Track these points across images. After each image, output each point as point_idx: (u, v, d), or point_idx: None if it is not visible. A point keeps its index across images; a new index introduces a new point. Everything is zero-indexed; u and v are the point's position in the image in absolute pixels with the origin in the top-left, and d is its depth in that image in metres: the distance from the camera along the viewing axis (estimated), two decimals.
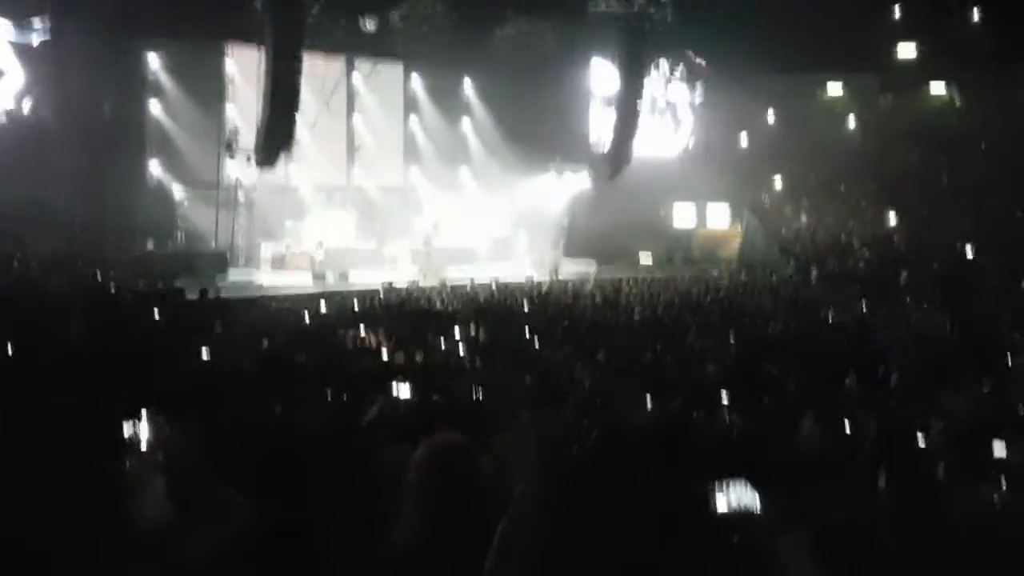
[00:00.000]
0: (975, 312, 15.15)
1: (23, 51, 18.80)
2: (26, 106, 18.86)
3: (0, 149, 17.70)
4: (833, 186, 27.34)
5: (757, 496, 3.90)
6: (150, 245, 20.16)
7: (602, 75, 26.03)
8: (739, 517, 3.85)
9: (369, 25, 22.01)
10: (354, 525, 2.84)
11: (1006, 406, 7.60)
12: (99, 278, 15.85)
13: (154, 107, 20.70)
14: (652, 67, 25.86)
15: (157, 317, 11.66)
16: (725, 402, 7.82)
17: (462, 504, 2.57)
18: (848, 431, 6.61)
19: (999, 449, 5.84)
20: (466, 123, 25.69)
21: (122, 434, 3.62)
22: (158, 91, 20.73)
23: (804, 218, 26.80)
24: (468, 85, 25.52)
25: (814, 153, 28.21)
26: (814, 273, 22.13)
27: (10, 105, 18.72)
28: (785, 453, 5.59)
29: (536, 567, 2.63)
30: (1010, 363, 10.33)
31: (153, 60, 20.72)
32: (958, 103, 29.88)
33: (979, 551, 3.33)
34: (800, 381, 8.72)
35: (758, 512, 3.83)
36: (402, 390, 6.30)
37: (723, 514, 3.86)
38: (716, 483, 4.02)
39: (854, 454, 5.98)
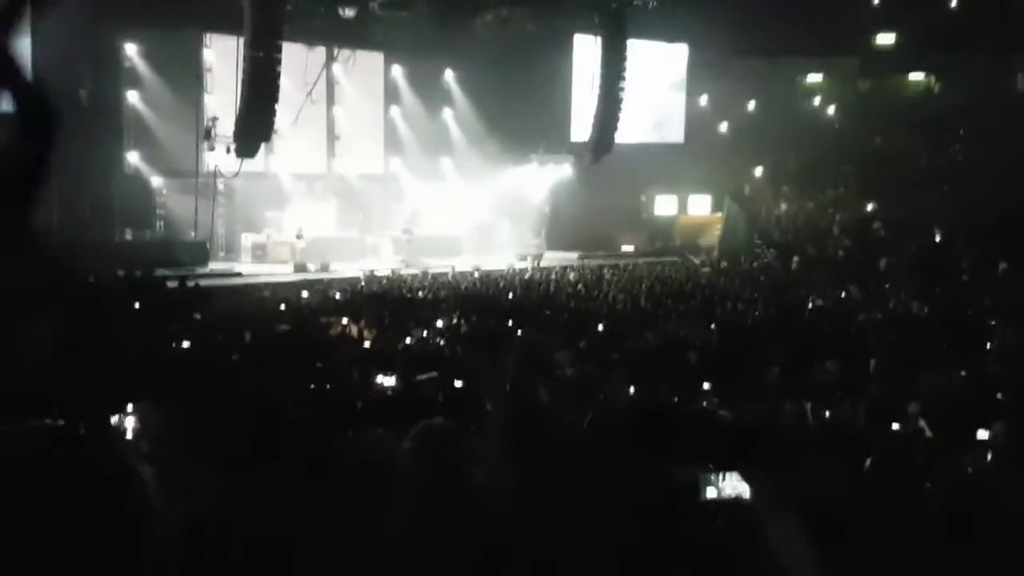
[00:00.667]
0: (954, 296, 15.29)
1: None
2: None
3: None
4: (813, 172, 27.46)
5: (743, 481, 3.93)
6: (128, 235, 20.00)
7: (584, 58, 25.89)
8: (726, 502, 3.88)
9: (348, 13, 21.85)
10: (337, 513, 2.84)
11: (984, 389, 7.68)
12: (76, 267, 15.71)
13: (131, 96, 20.48)
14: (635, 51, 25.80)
15: (137, 306, 11.60)
16: (707, 387, 7.86)
17: (452, 491, 2.57)
18: (829, 415, 6.67)
19: (982, 433, 5.91)
20: (447, 113, 25.59)
21: (110, 424, 3.60)
22: (135, 80, 20.51)
23: (784, 205, 26.92)
24: (449, 75, 25.41)
25: (795, 139, 28.33)
26: (795, 259, 22.25)
27: None
28: (768, 437, 5.62)
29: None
30: (989, 347, 10.44)
31: (130, 49, 20.48)
32: (936, 89, 30.09)
33: (961, 528, 3.37)
34: (781, 366, 8.76)
35: (745, 497, 3.87)
36: (387, 381, 6.29)
37: (710, 499, 3.89)
38: (702, 468, 4.05)
39: (836, 437, 6.04)
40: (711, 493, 3.88)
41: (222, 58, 20.70)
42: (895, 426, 6.44)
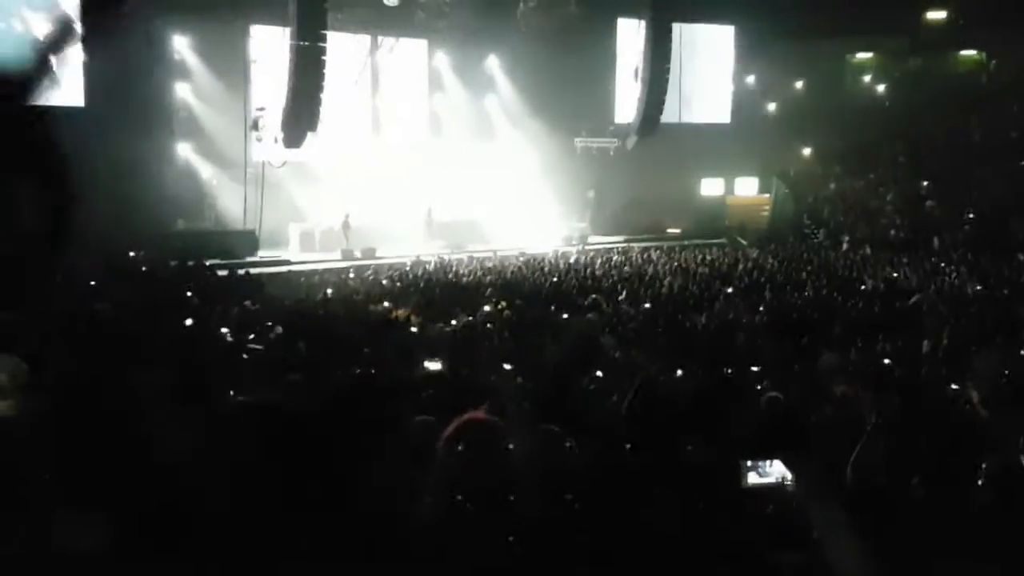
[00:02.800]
0: (1008, 274, 14.97)
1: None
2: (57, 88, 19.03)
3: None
4: (863, 152, 27.01)
5: (787, 467, 3.91)
6: (180, 225, 20.34)
7: (628, 40, 25.73)
8: (769, 488, 3.86)
9: (392, 1, 21.95)
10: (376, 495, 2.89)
11: None
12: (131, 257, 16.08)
13: (181, 88, 20.80)
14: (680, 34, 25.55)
15: (189, 294, 11.81)
16: (755, 370, 7.78)
17: (488, 482, 2.58)
18: (882, 397, 6.55)
19: None
20: (491, 98, 25.56)
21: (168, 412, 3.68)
22: (185, 72, 20.82)
23: (833, 185, 26.54)
24: (492, 60, 25.37)
25: (843, 119, 27.86)
26: (845, 240, 21.94)
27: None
28: (818, 421, 5.56)
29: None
30: None
31: (179, 42, 20.78)
32: (989, 65, 29.36)
33: (1011, 509, 3.32)
34: (833, 348, 8.64)
35: (788, 483, 3.84)
36: (432, 366, 6.34)
37: (757, 484, 3.87)
38: (750, 453, 4.03)
39: (890, 420, 5.94)
40: (753, 479, 3.87)
41: (268, 50, 20.93)
42: (949, 407, 6.33)
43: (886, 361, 8.28)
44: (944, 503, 3.67)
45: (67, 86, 19.19)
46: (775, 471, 3.91)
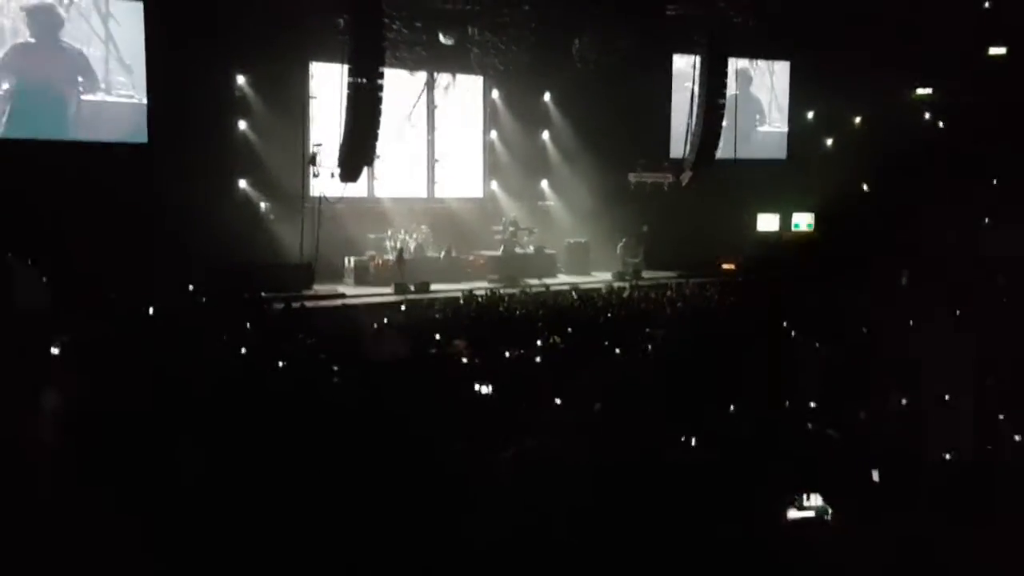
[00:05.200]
0: None
1: None
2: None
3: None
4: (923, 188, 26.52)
5: (826, 503, 3.82)
6: (237, 258, 20.68)
7: (684, 75, 25.79)
8: (807, 521, 3.78)
9: (448, 39, 22.29)
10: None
11: None
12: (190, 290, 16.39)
13: (241, 124, 21.26)
14: (736, 69, 25.51)
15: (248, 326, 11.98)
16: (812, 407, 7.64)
17: (546, 507, 2.57)
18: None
19: None
20: (546, 134, 25.72)
21: None
22: (245, 109, 21.28)
23: None
24: (547, 96, 25.56)
25: (902, 156, 27.41)
26: (904, 275, 21.50)
27: None
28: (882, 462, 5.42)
29: None
30: None
31: (240, 79, 21.28)
32: None
33: None
34: (897, 389, 8.41)
35: (827, 518, 3.77)
36: (484, 389, 6.34)
37: (792, 519, 3.79)
38: (788, 491, 3.95)
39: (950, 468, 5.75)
40: (794, 514, 3.80)
41: (326, 86, 21.36)
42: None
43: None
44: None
45: (131, 124, 19.82)
46: (814, 504, 3.84)
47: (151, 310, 13.18)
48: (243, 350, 9.93)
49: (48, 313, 11.89)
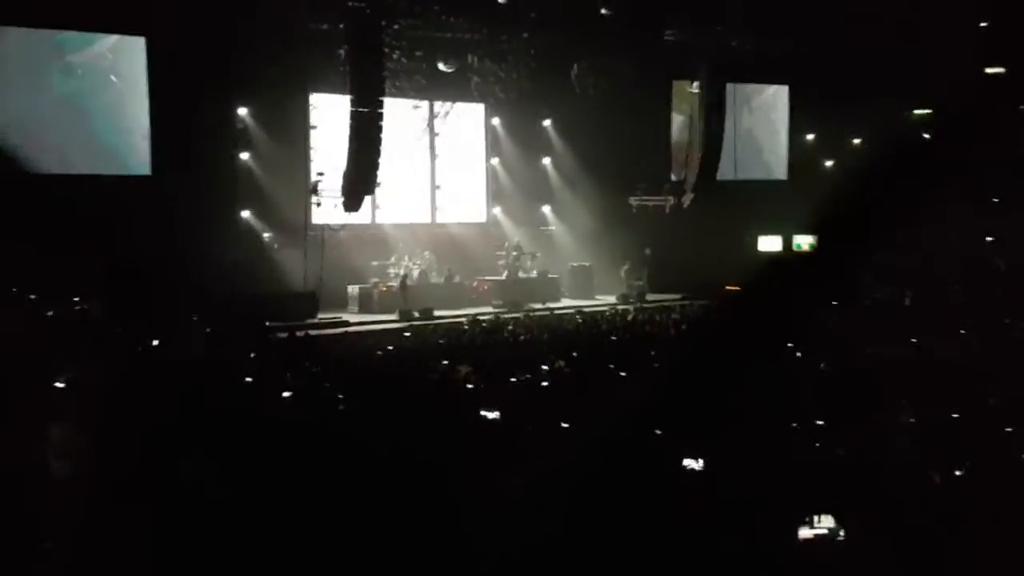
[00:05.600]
0: None
1: None
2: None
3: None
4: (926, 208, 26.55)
5: (838, 523, 3.82)
6: (241, 288, 20.71)
7: (683, 99, 25.95)
8: (819, 540, 3.77)
9: (449, 68, 22.45)
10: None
11: None
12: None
13: (243, 156, 21.37)
14: (735, 93, 25.65)
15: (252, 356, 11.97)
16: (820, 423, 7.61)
17: (555, 529, 2.57)
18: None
19: None
20: (547, 160, 25.84)
21: None
22: (247, 141, 21.40)
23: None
24: (548, 122, 25.70)
25: (901, 175, 27.46)
26: (908, 295, 21.49)
27: None
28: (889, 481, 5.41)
29: None
30: None
31: (242, 111, 21.41)
32: None
33: None
34: (908, 407, 8.38)
35: (840, 537, 3.76)
36: (490, 415, 6.34)
37: (803, 538, 3.78)
38: (799, 511, 3.95)
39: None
40: (806, 533, 3.79)
41: (327, 116, 21.49)
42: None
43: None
44: None
45: (135, 156, 19.95)
46: (825, 523, 3.83)
47: (155, 342, 13.18)
48: (248, 379, 9.92)
49: (51, 346, 11.90)
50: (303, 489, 3.97)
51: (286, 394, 8.92)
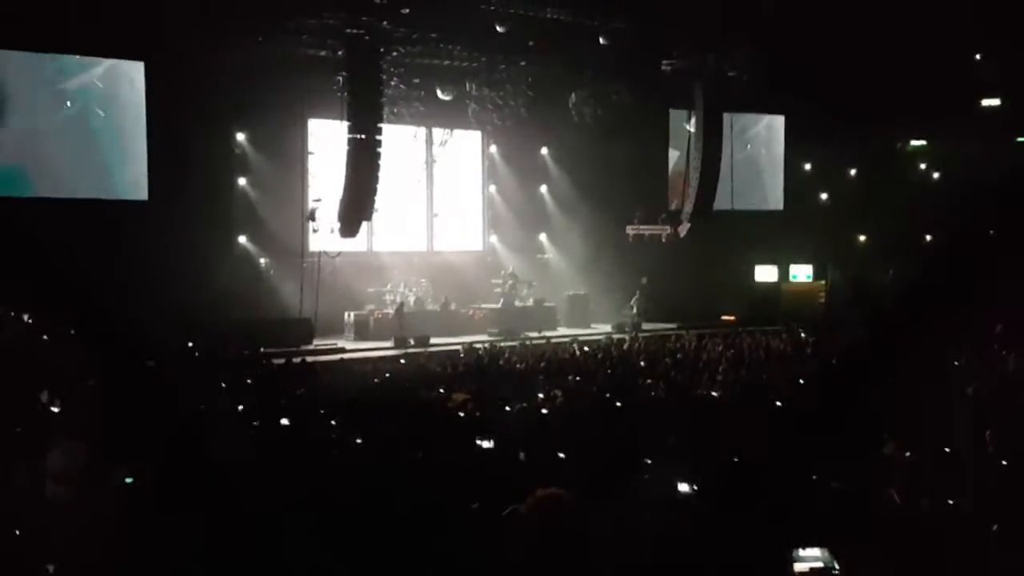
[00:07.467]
0: None
1: None
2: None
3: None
4: (921, 239, 26.69)
5: (833, 557, 3.79)
6: (238, 314, 20.65)
7: (680, 129, 26.10)
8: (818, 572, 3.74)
9: (446, 95, 22.55)
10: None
11: None
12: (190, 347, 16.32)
13: (241, 181, 21.39)
14: (731, 123, 25.77)
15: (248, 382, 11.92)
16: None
17: (567, 561, 2.53)
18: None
19: None
20: (544, 187, 25.90)
21: None
22: (245, 167, 21.43)
23: (892, 272, 26.15)
24: (545, 150, 25.79)
25: (899, 206, 27.59)
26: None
27: None
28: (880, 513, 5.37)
29: None
30: None
31: (240, 137, 21.46)
32: None
33: None
34: (897, 439, 8.34)
35: (835, 572, 3.73)
36: (485, 444, 6.29)
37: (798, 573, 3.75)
38: (794, 543, 3.92)
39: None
40: (800, 567, 3.76)
41: (324, 142, 21.55)
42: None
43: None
44: None
45: (133, 181, 19.97)
46: (821, 560, 3.80)
47: (150, 365, 13.10)
48: (240, 407, 9.86)
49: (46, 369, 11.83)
50: (300, 519, 3.92)
51: (284, 421, 8.87)
